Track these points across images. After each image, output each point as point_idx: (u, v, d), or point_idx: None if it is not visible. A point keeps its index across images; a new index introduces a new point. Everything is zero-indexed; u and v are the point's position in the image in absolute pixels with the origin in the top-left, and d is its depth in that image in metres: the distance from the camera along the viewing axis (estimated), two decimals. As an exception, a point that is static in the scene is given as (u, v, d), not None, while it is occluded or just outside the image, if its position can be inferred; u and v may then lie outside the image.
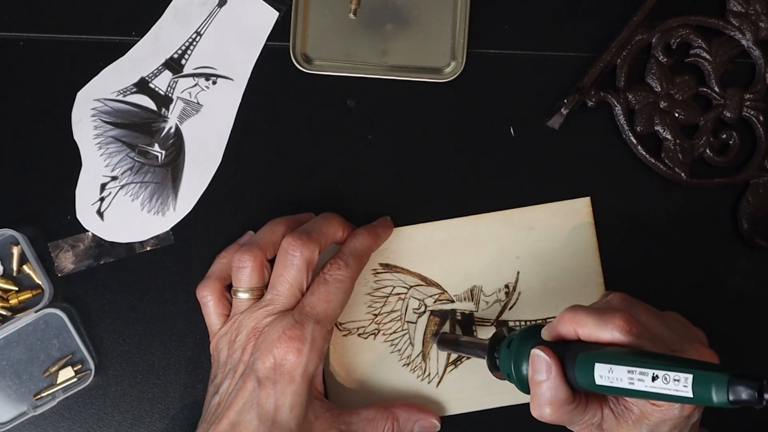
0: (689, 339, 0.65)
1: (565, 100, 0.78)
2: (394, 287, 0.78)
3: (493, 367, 0.68)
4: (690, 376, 0.54)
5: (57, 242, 0.77)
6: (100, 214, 0.78)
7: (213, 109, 0.79)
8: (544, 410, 0.62)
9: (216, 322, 0.74)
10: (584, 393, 0.63)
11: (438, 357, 0.78)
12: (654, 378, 0.56)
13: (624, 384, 0.57)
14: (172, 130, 0.78)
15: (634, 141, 0.79)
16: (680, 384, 0.55)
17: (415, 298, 0.78)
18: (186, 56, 0.79)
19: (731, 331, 0.80)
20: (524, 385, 0.64)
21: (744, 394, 0.52)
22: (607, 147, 0.80)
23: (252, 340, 0.71)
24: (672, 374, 0.55)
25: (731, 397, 0.53)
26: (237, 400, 0.70)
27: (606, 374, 0.58)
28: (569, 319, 0.62)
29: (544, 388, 0.61)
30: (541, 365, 0.62)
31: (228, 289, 0.75)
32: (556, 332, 0.63)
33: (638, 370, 0.57)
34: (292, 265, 0.71)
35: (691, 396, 0.54)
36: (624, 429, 0.63)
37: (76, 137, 0.78)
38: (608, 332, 0.60)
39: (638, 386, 0.57)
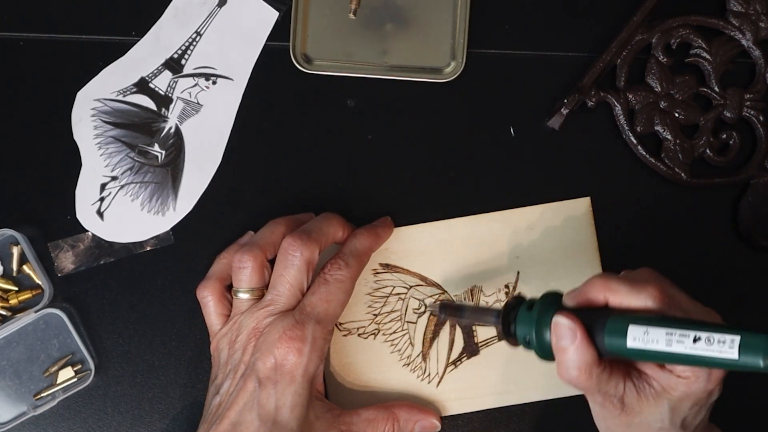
0: (712, 318, 0.65)
1: (565, 100, 0.78)
2: (394, 287, 0.78)
3: (507, 334, 0.67)
4: (737, 338, 0.54)
5: (57, 242, 0.77)
6: (100, 214, 0.78)
7: (213, 109, 0.79)
8: (571, 373, 0.62)
9: (216, 322, 0.74)
10: (609, 363, 0.63)
11: (438, 357, 0.78)
12: (696, 339, 0.55)
13: (660, 346, 0.57)
14: (172, 130, 0.78)
15: (634, 141, 0.79)
16: (725, 346, 0.54)
17: (415, 298, 0.78)
18: (186, 56, 0.79)
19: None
20: (543, 350, 0.64)
21: None
22: (607, 147, 0.80)
23: (252, 340, 0.71)
24: (717, 336, 0.54)
25: None
26: (238, 400, 0.70)
27: (640, 336, 0.58)
28: (601, 285, 0.63)
29: (571, 352, 0.62)
30: (564, 332, 0.62)
31: (228, 289, 0.75)
32: (584, 297, 0.63)
33: (678, 331, 0.56)
34: (292, 266, 0.71)
35: (736, 358, 0.54)
36: (645, 404, 0.64)
37: (76, 137, 0.78)
38: (641, 300, 0.61)
39: (676, 348, 0.56)
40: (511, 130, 0.80)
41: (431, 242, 0.78)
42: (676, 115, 0.79)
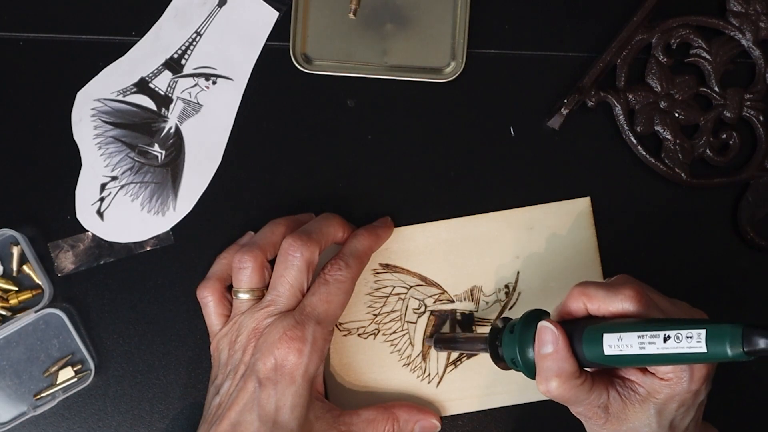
0: (692, 315, 0.65)
1: (565, 100, 0.78)
2: (394, 287, 0.78)
3: (496, 357, 0.68)
4: (703, 331, 0.55)
5: (57, 242, 0.77)
6: (100, 214, 0.78)
7: (213, 109, 0.79)
8: (550, 384, 0.63)
9: (216, 322, 0.74)
10: (590, 374, 0.63)
11: (438, 357, 0.78)
12: (666, 338, 0.56)
13: (634, 350, 0.57)
14: (172, 130, 0.78)
15: (634, 141, 0.79)
16: (693, 341, 0.55)
17: (415, 298, 0.78)
18: (186, 56, 0.79)
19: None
20: (530, 369, 0.65)
21: (761, 342, 0.53)
22: (607, 147, 0.80)
23: (253, 340, 0.71)
24: (684, 332, 0.56)
25: (746, 348, 0.53)
26: (238, 400, 0.70)
27: (615, 343, 0.59)
28: (579, 293, 0.63)
29: (551, 360, 0.62)
30: (547, 337, 0.62)
31: (228, 289, 0.75)
32: (565, 309, 0.64)
33: (649, 333, 0.57)
34: (292, 266, 0.71)
35: (705, 351, 0.55)
36: (631, 411, 0.64)
37: (76, 137, 0.78)
38: (618, 303, 0.61)
39: (649, 349, 0.57)
40: (511, 130, 0.80)
41: (431, 242, 0.78)
42: (676, 115, 0.79)
